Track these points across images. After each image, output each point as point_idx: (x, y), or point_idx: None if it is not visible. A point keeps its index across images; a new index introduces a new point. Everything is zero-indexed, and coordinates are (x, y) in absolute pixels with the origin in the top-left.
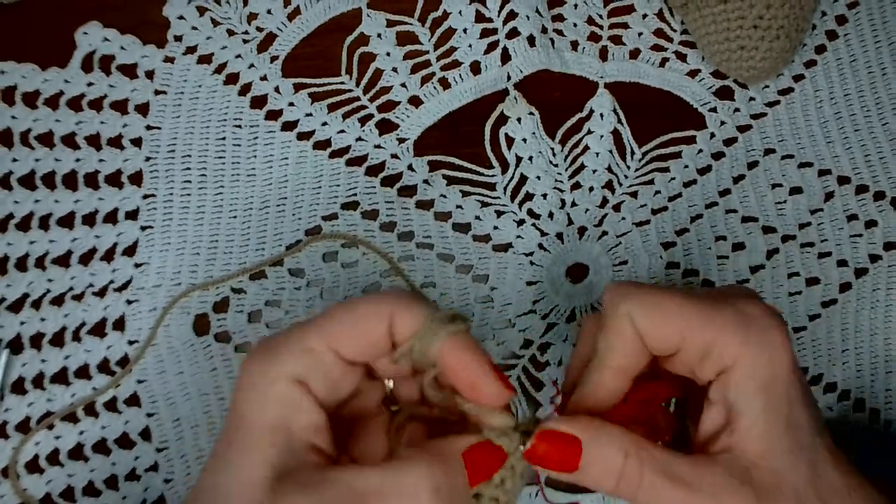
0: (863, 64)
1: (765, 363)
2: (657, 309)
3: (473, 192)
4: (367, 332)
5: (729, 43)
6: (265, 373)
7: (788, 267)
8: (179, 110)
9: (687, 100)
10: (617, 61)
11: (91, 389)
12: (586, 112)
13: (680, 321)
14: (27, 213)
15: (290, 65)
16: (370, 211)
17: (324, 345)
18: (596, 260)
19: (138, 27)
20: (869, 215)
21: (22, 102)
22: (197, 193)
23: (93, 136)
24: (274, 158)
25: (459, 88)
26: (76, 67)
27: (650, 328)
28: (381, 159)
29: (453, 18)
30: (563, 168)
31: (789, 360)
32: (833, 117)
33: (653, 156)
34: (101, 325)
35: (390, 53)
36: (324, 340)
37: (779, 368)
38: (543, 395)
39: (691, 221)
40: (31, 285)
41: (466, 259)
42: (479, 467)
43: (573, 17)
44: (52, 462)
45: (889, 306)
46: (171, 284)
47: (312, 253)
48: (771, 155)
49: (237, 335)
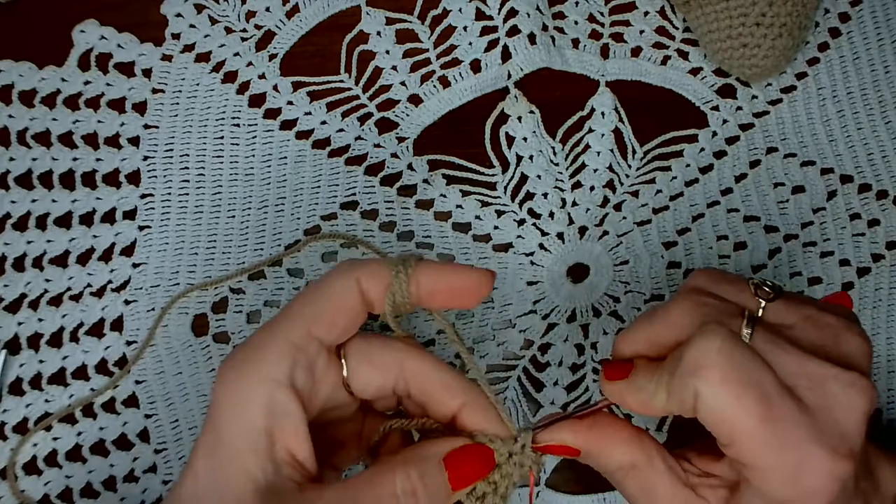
0: (866, 62)
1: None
2: (719, 413)
3: (473, 191)
4: (345, 307)
5: (731, 41)
6: (246, 376)
7: (791, 266)
8: (177, 109)
9: (689, 98)
10: (618, 59)
11: (89, 390)
12: (587, 110)
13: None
14: (24, 213)
15: (289, 63)
16: (369, 210)
17: (305, 334)
18: (597, 260)
19: (135, 25)
20: (872, 214)
21: (18, 101)
22: (195, 193)
23: (90, 134)
24: (272, 157)
25: (459, 87)
26: (73, 66)
27: (703, 418)
28: (381, 158)
29: (453, 16)
30: (563, 167)
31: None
32: (836, 115)
33: (654, 154)
34: (99, 325)
35: (390, 51)
36: (305, 329)
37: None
38: (544, 395)
39: (693, 221)
40: (28, 285)
41: (466, 259)
42: (463, 472)
43: (574, 15)
44: (50, 463)
45: (891, 306)
46: (170, 284)
47: (311, 253)
48: (773, 153)
49: (236, 336)
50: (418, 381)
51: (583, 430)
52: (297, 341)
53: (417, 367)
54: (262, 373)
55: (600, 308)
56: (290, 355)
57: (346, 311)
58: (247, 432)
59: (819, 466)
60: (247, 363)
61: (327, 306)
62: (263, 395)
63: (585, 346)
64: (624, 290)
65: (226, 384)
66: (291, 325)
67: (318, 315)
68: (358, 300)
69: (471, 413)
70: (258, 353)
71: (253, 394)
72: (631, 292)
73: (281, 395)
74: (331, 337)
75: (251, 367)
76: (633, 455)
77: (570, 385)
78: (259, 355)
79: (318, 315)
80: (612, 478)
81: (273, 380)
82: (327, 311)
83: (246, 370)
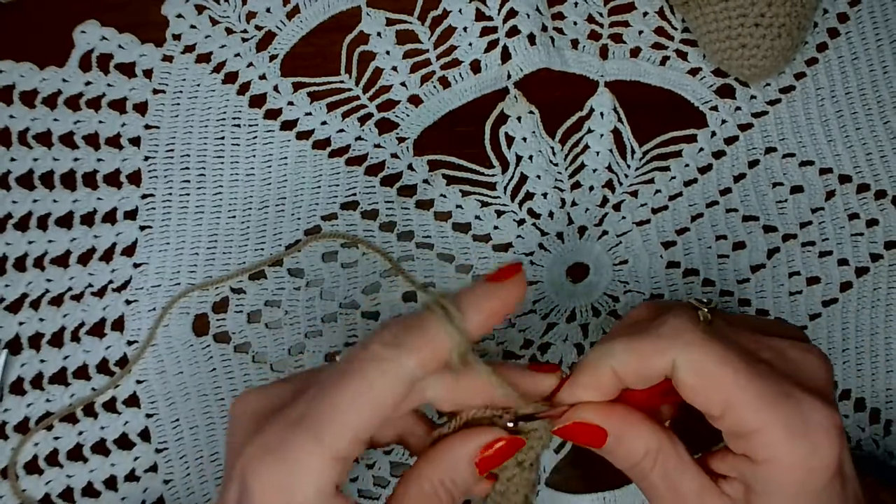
0: (864, 62)
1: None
2: (707, 374)
3: (473, 191)
4: (394, 403)
5: (730, 41)
6: (294, 489)
7: (789, 266)
8: (178, 109)
9: (688, 98)
10: (617, 60)
11: (90, 390)
12: (586, 111)
13: (729, 394)
14: (25, 213)
15: (289, 63)
16: (370, 210)
17: (352, 446)
18: (596, 259)
19: (136, 26)
20: (870, 214)
21: (20, 101)
22: (196, 193)
23: (91, 135)
24: (273, 158)
25: (459, 87)
26: (74, 66)
27: (691, 387)
28: (381, 159)
29: (453, 17)
30: (563, 167)
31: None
32: (834, 115)
33: (653, 155)
34: (100, 325)
35: (390, 52)
36: (351, 441)
37: (817, 478)
38: None
39: (692, 220)
40: (29, 285)
41: (466, 259)
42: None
43: (573, 16)
44: (51, 463)
45: (890, 305)
46: (170, 284)
47: (312, 253)
48: (772, 153)
49: (237, 335)
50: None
51: (605, 411)
52: (344, 454)
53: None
54: (314, 488)
55: (600, 308)
56: (339, 469)
57: (396, 404)
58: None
59: (818, 417)
60: (296, 479)
61: (375, 410)
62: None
63: (585, 345)
64: (623, 290)
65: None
66: (337, 439)
67: (364, 421)
68: (408, 387)
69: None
70: (305, 468)
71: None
72: (630, 292)
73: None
74: (376, 436)
75: (302, 485)
76: (661, 437)
77: None
78: (307, 470)
79: (365, 421)
80: (635, 469)
81: (325, 493)
82: (374, 415)
83: (298, 488)
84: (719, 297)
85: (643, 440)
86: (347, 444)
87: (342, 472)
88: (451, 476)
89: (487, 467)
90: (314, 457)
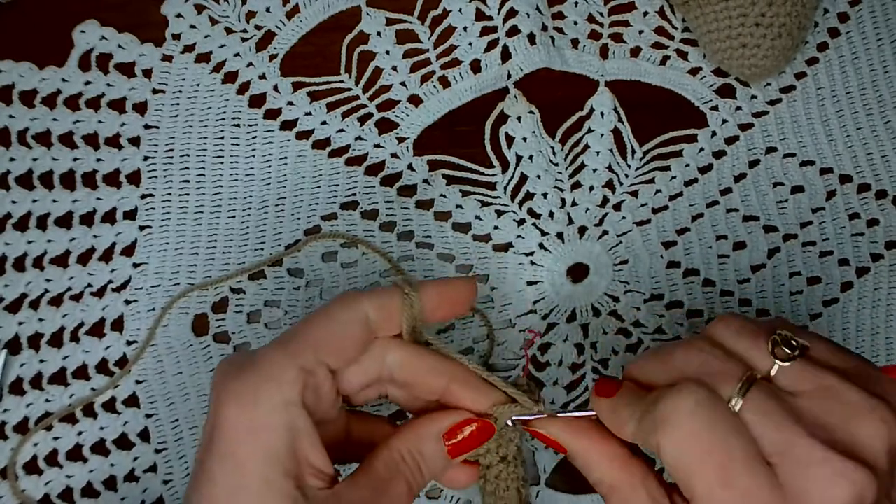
0: (865, 61)
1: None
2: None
3: (473, 191)
4: (352, 335)
5: (731, 41)
6: (264, 401)
7: (790, 266)
8: (177, 109)
9: (688, 98)
10: (617, 59)
11: (90, 390)
12: (587, 110)
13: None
14: (25, 213)
15: (289, 63)
16: (370, 210)
17: (315, 360)
18: (596, 259)
19: (136, 25)
20: (871, 214)
21: (19, 101)
22: (195, 193)
23: (90, 135)
24: (273, 158)
25: (459, 87)
26: (73, 66)
27: (671, 470)
28: (381, 158)
29: (453, 16)
30: (563, 167)
31: None
32: (835, 115)
33: (653, 154)
34: (99, 325)
35: (390, 52)
36: (314, 355)
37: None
38: (543, 395)
39: (692, 220)
40: (29, 285)
41: (466, 259)
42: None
43: (573, 15)
44: (51, 463)
45: (890, 305)
46: (170, 284)
47: (312, 253)
48: (772, 153)
49: (236, 336)
50: (402, 371)
51: (570, 431)
52: (308, 367)
53: (399, 358)
54: (280, 397)
55: (600, 308)
56: (303, 380)
57: (354, 339)
58: (275, 459)
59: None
60: (262, 387)
61: (336, 335)
62: (284, 420)
63: (585, 345)
64: (623, 290)
65: (241, 408)
66: (302, 351)
67: (327, 342)
68: (365, 328)
69: (458, 388)
70: (273, 377)
71: (274, 421)
72: (630, 292)
73: (299, 418)
74: (338, 363)
75: (267, 392)
76: (615, 476)
77: (570, 385)
78: (274, 379)
79: (327, 342)
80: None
81: (291, 403)
82: (335, 339)
83: (262, 395)
84: (719, 296)
85: (595, 473)
86: (312, 357)
87: (311, 390)
88: (418, 448)
89: (460, 451)
90: (280, 367)
